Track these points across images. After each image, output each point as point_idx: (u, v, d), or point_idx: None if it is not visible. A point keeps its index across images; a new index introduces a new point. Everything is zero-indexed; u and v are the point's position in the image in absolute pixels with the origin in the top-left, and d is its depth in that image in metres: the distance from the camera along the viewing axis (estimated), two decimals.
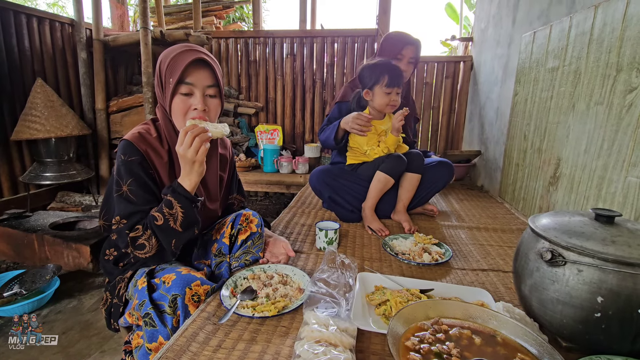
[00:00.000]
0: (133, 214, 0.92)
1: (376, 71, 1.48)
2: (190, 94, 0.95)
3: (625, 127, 1.09)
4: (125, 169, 0.92)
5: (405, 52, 1.65)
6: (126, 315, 1.00)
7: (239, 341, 0.77)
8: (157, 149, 0.97)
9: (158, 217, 0.89)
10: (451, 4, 4.74)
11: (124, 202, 0.92)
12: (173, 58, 0.93)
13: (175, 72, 0.91)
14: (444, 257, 1.19)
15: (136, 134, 0.96)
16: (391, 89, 1.47)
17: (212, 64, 0.96)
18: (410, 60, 1.67)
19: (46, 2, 6.65)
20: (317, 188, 1.67)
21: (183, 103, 0.94)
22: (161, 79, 0.96)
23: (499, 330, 0.71)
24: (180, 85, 0.93)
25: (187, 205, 0.89)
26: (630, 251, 0.68)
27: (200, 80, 0.94)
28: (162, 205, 0.90)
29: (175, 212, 0.89)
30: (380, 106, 1.52)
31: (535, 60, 1.71)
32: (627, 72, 1.09)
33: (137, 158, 0.93)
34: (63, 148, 2.39)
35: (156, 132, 1.00)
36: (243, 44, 3.13)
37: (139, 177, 0.92)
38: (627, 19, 1.10)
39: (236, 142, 3.09)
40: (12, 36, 2.35)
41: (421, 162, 1.56)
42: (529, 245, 0.81)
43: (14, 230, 1.92)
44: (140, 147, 0.94)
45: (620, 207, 1.10)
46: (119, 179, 0.93)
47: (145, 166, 0.94)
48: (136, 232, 0.91)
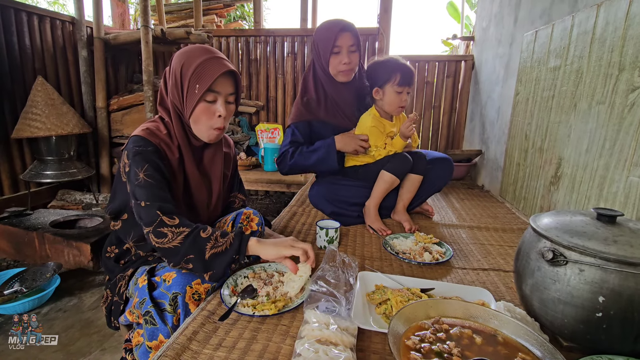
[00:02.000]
0: (156, 196, 0.89)
1: (388, 69, 1.43)
2: (214, 101, 0.97)
3: (627, 127, 1.09)
4: (141, 157, 0.91)
5: (340, 41, 1.43)
6: (126, 313, 1.00)
7: (239, 340, 0.77)
8: (168, 144, 0.98)
9: (207, 231, 0.88)
10: (453, 3, 4.72)
11: (144, 187, 0.89)
12: (200, 65, 0.93)
13: (203, 81, 0.93)
14: (445, 257, 1.19)
15: (146, 130, 0.97)
16: (403, 87, 1.43)
17: (237, 74, 0.99)
18: (350, 49, 1.44)
19: (47, 0, 6.65)
20: (318, 206, 1.64)
21: (208, 110, 0.97)
22: (181, 83, 0.96)
23: (499, 329, 0.71)
24: (208, 93, 0.95)
25: (235, 247, 0.88)
26: (632, 251, 0.67)
27: (225, 88, 0.98)
28: (219, 233, 0.89)
29: (222, 244, 0.87)
30: (391, 106, 1.47)
31: (537, 60, 1.71)
32: (630, 72, 1.09)
33: (152, 148, 0.94)
34: (64, 146, 2.39)
35: (166, 130, 1.00)
36: (244, 42, 3.13)
37: (153, 163, 0.92)
38: (630, 18, 1.10)
39: (237, 141, 3.08)
40: (13, 34, 2.35)
41: (424, 163, 1.52)
42: (531, 245, 0.81)
43: (15, 229, 1.92)
44: (153, 140, 0.95)
45: (622, 206, 1.09)
46: (136, 169, 0.90)
47: (160, 156, 0.95)
48: (171, 220, 0.87)
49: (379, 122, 1.50)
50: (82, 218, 2.15)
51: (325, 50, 1.45)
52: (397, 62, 1.45)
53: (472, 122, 2.79)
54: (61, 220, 2.06)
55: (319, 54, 1.49)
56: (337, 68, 1.47)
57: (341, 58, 1.45)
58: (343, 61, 1.45)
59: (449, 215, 1.75)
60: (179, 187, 1.02)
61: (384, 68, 1.45)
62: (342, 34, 1.42)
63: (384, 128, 1.50)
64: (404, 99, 1.45)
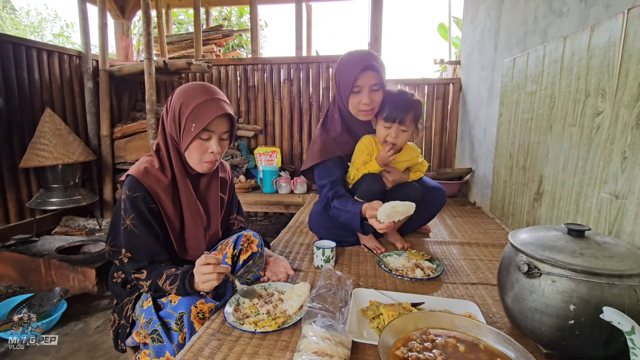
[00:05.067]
0: (136, 248, 1.02)
1: (384, 100, 1.38)
2: (208, 139, 1.06)
3: (595, 147, 1.19)
4: (130, 204, 1.02)
5: (361, 81, 1.35)
6: (133, 335, 1.05)
7: (242, 355, 0.83)
8: (159, 179, 1.06)
9: (162, 279, 0.99)
10: (444, 24, 4.91)
11: (127, 235, 1.02)
12: (197, 107, 1.01)
13: (199, 122, 1.01)
14: (435, 272, 1.25)
15: (142, 170, 1.05)
16: (390, 124, 1.35)
17: (232, 115, 1.08)
18: (373, 89, 1.36)
19: (52, 33, 6.93)
20: (317, 233, 1.60)
21: (202, 146, 1.06)
22: (179, 120, 1.04)
23: (481, 338, 0.78)
24: (203, 132, 1.03)
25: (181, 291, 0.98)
26: (597, 262, 0.75)
27: (220, 128, 1.06)
28: (167, 275, 0.99)
29: (171, 290, 0.98)
30: (379, 138, 1.41)
31: (516, 84, 1.83)
32: (594, 97, 1.20)
33: (141, 194, 1.02)
34: (69, 174, 2.47)
35: (159, 163, 1.08)
36: (242, 70, 3.28)
37: (141, 213, 1.02)
38: (591, 49, 1.22)
39: (236, 164, 3.18)
40: (24, 69, 2.48)
41: (417, 194, 1.45)
42: (510, 259, 0.88)
43: (21, 255, 1.97)
44: (145, 183, 1.03)
45: (596, 221, 1.17)
46: (123, 214, 1.02)
47: (149, 201, 1.03)
48: (140, 275, 1.02)
49: (370, 145, 1.44)
50: (86, 243, 2.21)
51: (345, 88, 1.38)
52: (390, 94, 1.39)
53: (462, 141, 2.90)
54: (66, 247, 2.11)
55: (339, 91, 1.43)
56: (357, 107, 1.40)
57: (361, 98, 1.37)
58: (363, 101, 1.37)
59: (442, 232, 1.82)
60: (175, 218, 1.09)
61: (384, 99, 1.40)
62: (364, 73, 1.34)
63: (373, 152, 1.44)
64: (392, 136, 1.37)
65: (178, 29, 5.94)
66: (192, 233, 1.12)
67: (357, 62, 1.35)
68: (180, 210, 1.11)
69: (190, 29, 5.45)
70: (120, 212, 1.04)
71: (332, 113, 1.51)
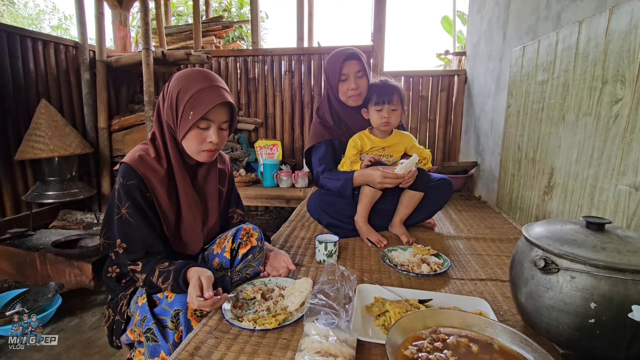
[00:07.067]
0: (132, 238, 0.97)
1: (370, 90, 1.56)
2: (207, 128, 1.00)
3: (613, 137, 1.13)
4: (124, 192, 0.97)
5: (346, 69, 1.54)
6: (128, 332, 1.01)
7: (240, 354, 0.78)
8: (155, 169, 1.01)
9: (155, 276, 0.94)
10: (447, 17, 4.85)
11: (122, 225, 0.97)
12: (196, 94, 0.95)
13: (197, 109, 0.95)
14: (443, 268, 1.21)
15: (136, 157, 0.99)
16: (381, 106, 1.51)
17: (233, 104, 1.02)
18: (357, 75, 1.55)
19: (50, 25, 6.85)
20: (314, 216, 1.70)
21: (199, 136, 1.00)
22: (176, 107, 0.98)
23: (495, 338, 0.73)
24: (201, 121, 0.98)
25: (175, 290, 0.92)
26: (620, 257, 0.69)
27: (219, 117, 1.00)
28: (160, 272, 0.93)
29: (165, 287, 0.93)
30: (375, 123, 1.55)
31: (525, 74, 1.77)
32: (612, 84, 1.13)
33: (135, 182, 0.97)
34: (66, 167, 2.42)
35: (154, 152, 1.03)
36: (242, 62, 3.22)
37: (136, 201, 0.97)
38: (610, 34, 1.15)
39: (236, 158, 3.13)
40: (18, 59, 2.42)
41: (426, 179, 1.51)
42: (524, 254, 0.83)
43: (16, 249, 1.93)
44: (139, 170, 0.98)
45: (612, 214, 1.12)
46: (118, 202, 0.97)
47: (143, 189, 0.98)
48: (136, 266, 0.97)
49: (361, 138, 1.57)
50: (83, 238, 2.17)
51: (333, 78, 1.58)
52: (374, 84, 1.55)
53: (467, 135, 2.84)
54: (63, 240, 2.07)
55: (330, 83, 1.62)
56: (346, 94, 1.58)
57: (349, 84, 1.55)
58: (350, 87, 1.55)
59: (447, 226, 1.77)
60: (170, 211, 1.04)
61: (369, 90, 1.57)
62: (347, 62, 1.53)
63: (364, 145, 1.56)
64: (384, 116, 1.51)
65: (177, 20, 5.85)
66: (189, 226, 1.07)
67: (341, 54, 1.55)
68: (177, 202, 1.05)
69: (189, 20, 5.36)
70: (115, 202, 0.99)
71: (322, 104, 1.71)
